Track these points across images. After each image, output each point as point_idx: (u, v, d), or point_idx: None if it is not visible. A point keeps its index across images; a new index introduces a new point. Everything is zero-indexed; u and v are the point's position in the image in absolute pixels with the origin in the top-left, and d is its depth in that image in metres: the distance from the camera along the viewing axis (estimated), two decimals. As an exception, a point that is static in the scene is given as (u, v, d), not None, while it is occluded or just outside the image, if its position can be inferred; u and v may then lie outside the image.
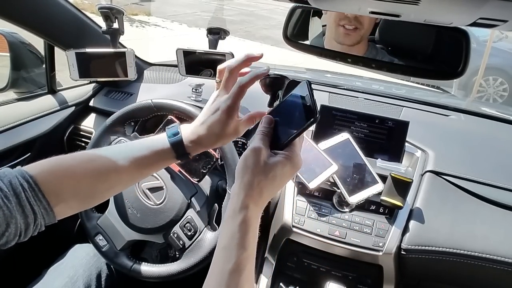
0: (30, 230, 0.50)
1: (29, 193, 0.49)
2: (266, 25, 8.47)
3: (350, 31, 0.74)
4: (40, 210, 0.50)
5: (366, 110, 1.01)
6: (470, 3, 0.32)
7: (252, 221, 0.44)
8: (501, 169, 0.95)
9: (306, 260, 0.90)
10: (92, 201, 0.58)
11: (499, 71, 4.76)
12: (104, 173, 0.55)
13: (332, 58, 0.68)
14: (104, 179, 0.55)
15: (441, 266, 0.82)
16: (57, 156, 0.55)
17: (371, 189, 0.86)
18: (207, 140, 0.56)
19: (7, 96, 1.15)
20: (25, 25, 0.99)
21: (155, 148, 0.56)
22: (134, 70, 1.14)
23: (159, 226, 0.93)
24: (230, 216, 0.45)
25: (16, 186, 0.48)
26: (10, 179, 0.48)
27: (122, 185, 0.60)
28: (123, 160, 0.55)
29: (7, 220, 0.47)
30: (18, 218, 0.48)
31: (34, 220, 0.50)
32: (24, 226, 0.49)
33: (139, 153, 0.56)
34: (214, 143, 0.58)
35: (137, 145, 0.58)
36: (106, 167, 0.55)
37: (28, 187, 0.49)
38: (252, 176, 0.46)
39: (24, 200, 0.48)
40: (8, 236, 0.48)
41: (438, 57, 0.66)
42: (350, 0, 0.43)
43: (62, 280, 0.91)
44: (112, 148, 0.62)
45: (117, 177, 0.56)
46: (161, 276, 0.91)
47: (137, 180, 0.61)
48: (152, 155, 0.56)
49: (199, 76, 1.12)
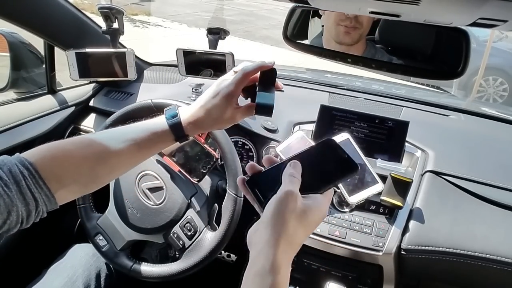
0: (32, 217, 0.50)
1: (30, 181, 0.49)
2: (266, 25, 8.47)
3: (350, 30, 0.74)
4: (42, 197, 0.50)
5: (366, 110, 1.01)
6: (470, 3, 0.32)
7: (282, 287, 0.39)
8: (501, 169, 0.95)
9: (306, 260, 0.90)
10: (93, 185, 0.58)
11: (499, 71, 4.76)
12: (103, 157, 0.55)
13: (332, 58, 0.68)
14: (104, 162, 0.55)
15: (441, 266, 0.82)
16: (56, 141, 0.55)
17: (371, 189, 0.86)
18: (204, 123, 0.57)
19: (7, 96, 1.15)
20: (25, 25, 0.99)
21: (154, 130, 0.57)
22: (134, 70, 1.14)
23: (159, 226, 0.93)
24: (259, 274, 0.39)
25: (16, 174, 0.48)
26: (10, 167, 0.48)
27: (122, 168, 0.60)
28: (123, 142, 0.55)
29: (8, 208, 0.47)
30: (19, 206, 0.48)
31: (36, 207, 0.50)
32: (25, 213, 0.49)
33: (138, 135, 0.56)
34: (211, 126, 0.59)
35: (135, 127, 0.58)
36: (106, 150, 0.55)
37: (28, 174, 0.49)
38: (287, 224, 0.41)
39: (25, 188, 0.48)
40: (9, 224, 0.48)
41: (438, 57, 0.66)
42: (350, 0, 0.43)
43: (62, 279, 0.91)
44: (111, 131, 0.61)
45: (117, 160, 0.56)
46: (161, 276, 0.91)
47: (137, 162, 0.61)
48: (151, 137, 0.56)
49: (199, 76, 1.12)
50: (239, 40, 6.87)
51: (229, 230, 0.86)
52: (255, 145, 1.08)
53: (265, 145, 1.06)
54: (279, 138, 1.04)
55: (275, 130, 1.07)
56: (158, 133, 0.57)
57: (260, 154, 1.07)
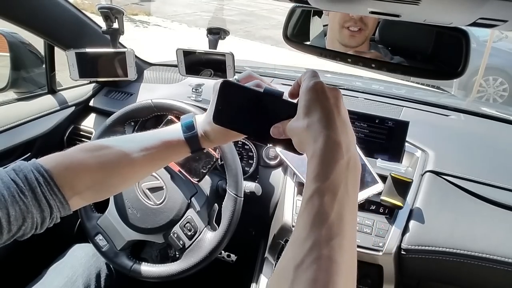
0: (46, 223, 0.51)
1: (45, 188, 0.49)
2: (266, 25, 8.46)
3: (355, 33, 0.74)
4: (56, 204, 0.50)
5: (366, 110, 1.00)
6: (470, 3, 0.32)
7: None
8: (501, 169, 0.95)
9: (306, 260, 0.90)
10: (106, 193, 0.59)
11: (499, 71, 4.76)
12: (118, 166, 0.55)
13: (332, 58, 0.68)
14: (118, 171, 0.55)
15: (441, 266, 0.82)
16: (71, 149, 0.55)
17: (371, 189, 0.86)
18: (217, 135, 0.55)
19: (7, 96, 1.15)
20: (25, 25, 0.99)
21: (169, 141, 0.55)
22: (134, 70, 1.14)
23: (159, 226, 0.93)
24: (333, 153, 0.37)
25: (31, 180, 0.48)
26: (26, 173, 0.49)
27: (135, 178, 0.60)
28: (137, 152, 0.55)
29: (23, 215, 0.48)
30: (34, 213, 0.49)
31: (50, 214, 0.50)
32: (40, 219, 0.50)
33: (152, 144, 0.55)
34: (223, 139, 0.58)
35: (150, 136, 0.57)
36: (120, 160, 0.55)
37: (43, 181, 0.49)
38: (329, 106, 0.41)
39: (40, 195, 0.48)
40: (24, 230, 0.49)
41: (438, 57, 0.66)
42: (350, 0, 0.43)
43: (62, 279, 0.91)
44: (126, 139, 0.61)
45: (131, 169, 0.56)
46: (161, 276, 0.91)
47: (150, 172, 0.61)
48: (166, 148, 0.55)
49: (199, 76, 1.12)
50: (239, 40, 6.87)
51: (229, 230, 0.86)
52: (255, 145, 1.08)
53: (265, 145, 1.06)
54: (279, 138, 1.04)
55: (275, 130, 1.07)
56: (173, 144, 0.55)
57: (260, 154, 1.07)
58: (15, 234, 0.48)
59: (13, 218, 0.47)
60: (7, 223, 0.46)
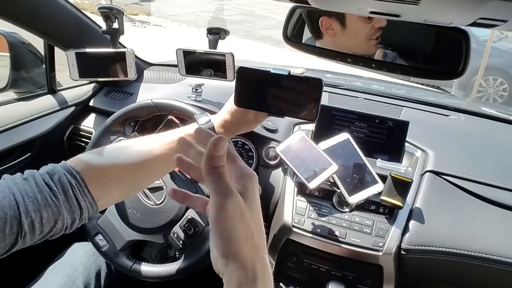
0: (76, 223, 0.52)
1: (76, 190, 0.50)
2: (266, 25, 8.46)
3: (377, 40, 0.73)
4: (86, 205, 0.52)
5: (366, 110, 1.01)
6: (470, 3, 0.32)
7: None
8: (501, 169, 0.95)
9: (306, 260, 0.90)
10: (132, 190, 0.62)
11: (499, 71, 4.76)
12: (144, 159, 0.57)
13: (332, 58, 0.68)
14: (143, 164, 0.57)
15: (441, 266, 0.82)
16: (99, 148, 0.58)
17: (371, 189, 0.86)
18: (232, 126, 0.63)
19: (7, 96, 1.15)
20: (25, 25, 0.99)
21: (188, 134, 0.59)
22: (134, 70, 1.14)
23: (159, 226, 0.93)
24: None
25: (64, 183, 0.49)
26: (59, 176, 0.50)
27: (160, 172, 0.64)
28: (161, 146, 0.58)
29: (55, 217, 0.49)
30: (65, 215, 0.50)
31: (80, 215, 0.52)
32: (70, 221, 0.51)
33: (172, 139, 0.59)
34: (237, 128, 0.65)
35: (169, 133, 0.61)
36: (145, 154, 0.58)
37: (75, 183, 0.50)
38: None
39: (72, 197, 0.50)
40: (55, 231, 0.50)
41: (438, 57, 0.66)
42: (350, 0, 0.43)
43: (61, 278, 0.91)
44: (147, 138, 0.64)
45: (156, 163, 0.59)
46: (161, 276, 0.91)
47: (172, 167, 0.66)
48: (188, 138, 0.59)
49: (199, 76, 1.12)
50: (239, 40, 6.87)
51: (229, 230, 0.86)
52: (255, 145, 1.08)
53: (265, 145, 1.06)
54: (279, 138, 1.05)
55: (275, 130, 1.07)
56: (191, 135, 0.58)
57: (260, 154, 1.07)
58: (46, 235, 0.50)
59: (46, 220, 0.48)
60: (40, 225, 0.48)
